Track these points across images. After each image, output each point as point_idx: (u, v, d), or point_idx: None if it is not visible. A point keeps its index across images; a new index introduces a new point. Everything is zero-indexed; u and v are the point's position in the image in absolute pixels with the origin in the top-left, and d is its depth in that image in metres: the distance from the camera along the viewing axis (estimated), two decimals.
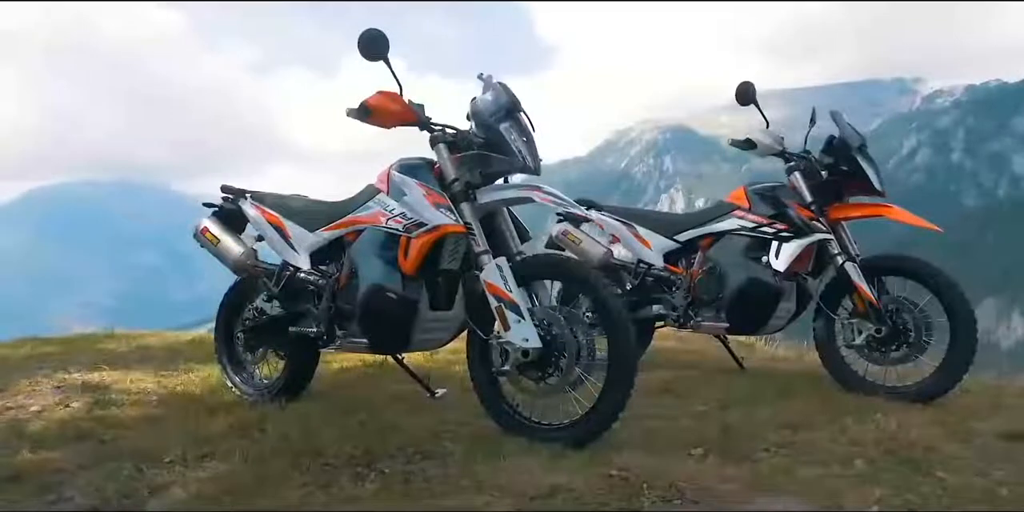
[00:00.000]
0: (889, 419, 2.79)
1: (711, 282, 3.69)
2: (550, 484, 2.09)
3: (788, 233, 3.46)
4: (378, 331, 2.81)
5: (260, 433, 2.71)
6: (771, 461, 2.37)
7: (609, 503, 2.00)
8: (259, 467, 2.30)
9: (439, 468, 2.32)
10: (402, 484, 2.19)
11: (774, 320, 3.63)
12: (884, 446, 2.47)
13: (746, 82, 3.58)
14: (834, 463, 2.35)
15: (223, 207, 3.42)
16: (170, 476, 2.29)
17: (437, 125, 2.80)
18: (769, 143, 3.56)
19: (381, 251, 2.80)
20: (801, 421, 2.82)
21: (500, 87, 2.76)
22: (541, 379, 2.56)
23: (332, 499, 2.07)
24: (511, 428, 2.66)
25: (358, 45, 2.63)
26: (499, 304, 2.55)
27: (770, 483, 2.17)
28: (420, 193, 2.67)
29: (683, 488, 2.09)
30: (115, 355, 4.55)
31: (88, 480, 2.28)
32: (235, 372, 3.44)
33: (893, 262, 3.39)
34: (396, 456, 2.42)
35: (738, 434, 2.66)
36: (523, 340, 2.51)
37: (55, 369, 3.97)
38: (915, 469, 2.28)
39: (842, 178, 3.48)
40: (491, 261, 2.60)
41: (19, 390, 3.54)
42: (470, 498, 2.06)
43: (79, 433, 2.78)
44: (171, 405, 3.22)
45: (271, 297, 3.18)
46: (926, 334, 3.25)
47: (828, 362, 3.54)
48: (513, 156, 2.65)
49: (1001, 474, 2.25)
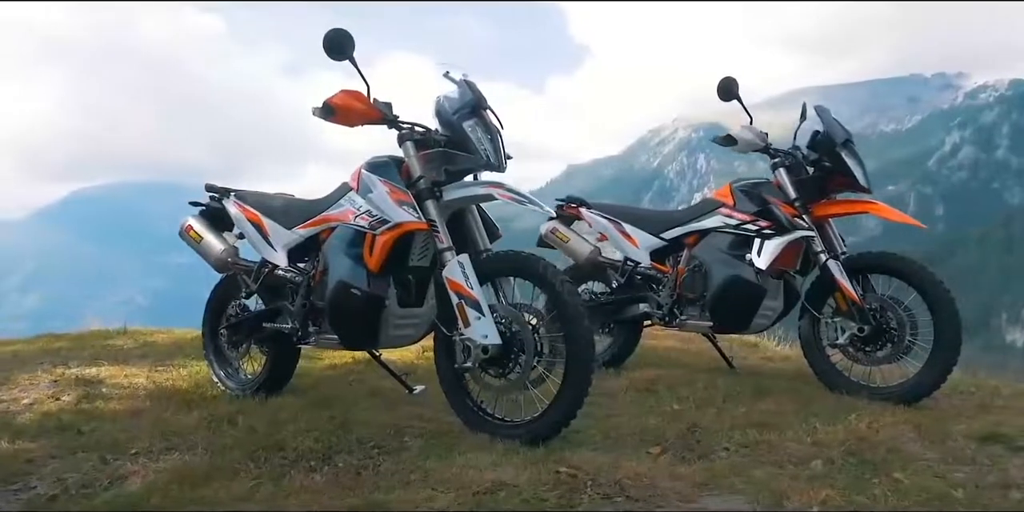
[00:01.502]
0: (861, 420, 2.74)
1: (696, 280, 3.65)
2: (493, 480, 2.09)
3: (771, 230, 3.41)
4: (346, 327, 2.85)
5: (231, 426, 2.76)
6: (727, 461, 2.35)
7: (548, 500, 2.01)
8: (217, 459, 2.35)
9: (393, 463, 2.34)
10: (352, 478, 2.22)
11: (759, 319, 3.57)
12: (847, 447, 2.43)
13: (728, 77, 3.54)
14: (791, 464, 2.32)
15: (209, 206, 3.49)
16: (132, 467, 2.35)
17: (406, 123, 2.82)
18: (750, 139, 3.51)
19: (349, 248, 2.83)
20: (771, 421, 2.78)
21: (466, 85, 2.77)
22: (502, 376, 2.57)
23: (279, 491, 2.11)
24: (474, 424, 2.68)
25: (323, 45, 2.66)
26: (460, 301, 2.57)
27: (719, 483, 2.15)
28: (384, 191, 2.70)
29: (628, 486, 2.08)
30: (119, 351, 4.67)
31: (54, 470, 2.35)
32: (221, 367, 3.50)
33: (877, 260, 3.32)
34: (354, 450, 2.46)
35: (704, 433, 2.64)
36: (483, 336, 2.52)
37: (56, 364, 4.08)
38: (872, 470, 2.24)
39: (827, 174, 3.42)
40: (453, 258, 2.62)
41: (17, 383, 3.65)
42: (414, 492, 2.08)
43: (60, 425, 2.86)
44: (155, 399, 3.29)
45: (249, 294, 3.24)
46: (911, 333, 3.18)
47: (813, 362, 3.49)
48: (477, 153, 2.66)
49: (961, 476, 2.20)
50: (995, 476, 2.20)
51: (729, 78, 3.54)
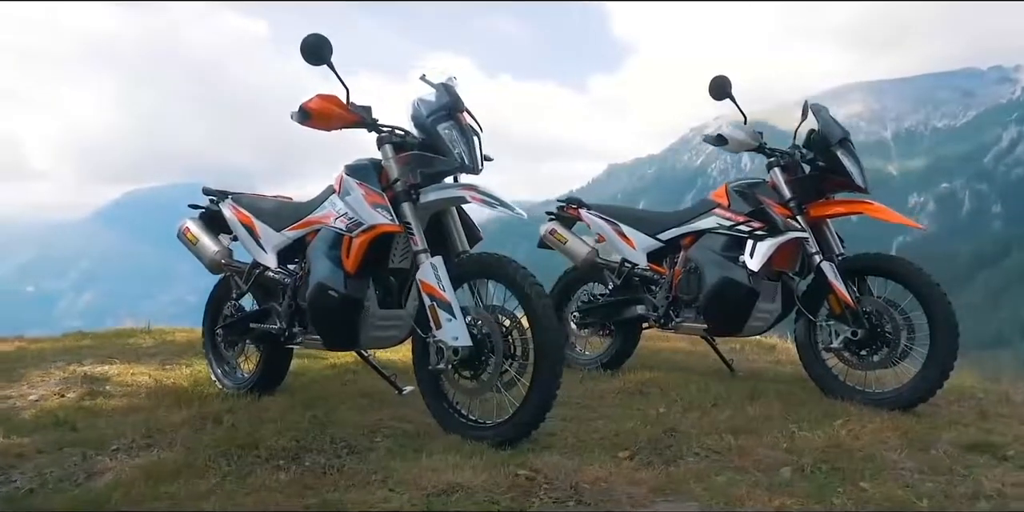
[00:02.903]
0: (846, 426, 2.67)
1: (691, 282, 3.60)
2: (450, 482, 2.10)
3: (763, 231, 3.34)
4: (326, 328, 2.89)
5: (215, 424, 2.82)
6: (693, 466, 2.32)
7: (500, 502, 2.01)
8: (191, 456, 2.40)
9: (359, 463, 2.37)
10: (315, 477, 2.25)
11: (754, 321, 3.50)
12: (821, 455, 2.37)
13: (720, 76, 3.48)
14: (758, 470, 2.27)
15: (208, 209, 3.57)
16: (111, 462, 2.42)
17: (386, 127, 2.85)
18: (742, 139, 3.45)
19: (330, 250, 2.87)
20: (752, 426, 2.73)
21: (443, 88, 2.79)
22: (474, 377, 2.58)
23: (241, 489, 2.15)
24: (448, 426, 2.69)
25: (301, 51, 2.70)
26: (432, 302, 2.59)
27: (677, 488, 2.12)
28: (360, 194, 2.73)
29: (583, 490, 2.07)
30: (136, 349, 4.80)
31: (38, 465, 2.43)
32: (219, 366, 3.59)
33: (873, 261, 3.23)
34: (325, 450, 2.48)
35: (679, 437, 2.60)
36: (453, 338, 2.53)
37: (70, 362, 4.22)
38: (841, 479, 2.18)
39: (823, 174, 3.34)
40: (427, 260, 2.63)
41: (30, 380, 3.79)
42: (371, 492, 2.10)
43: (57, 421, 2.96)
44: (154, 397, 3.38)
45: (240, 295, 3.31)
46: (908, 338, 3.09)
47: (808, 366, 3.41)
48: (451, 156, 2.68)
49: (931, 486, 2.13)
50: (967, 486, 2.12)
51: (721, 77, 3.48)
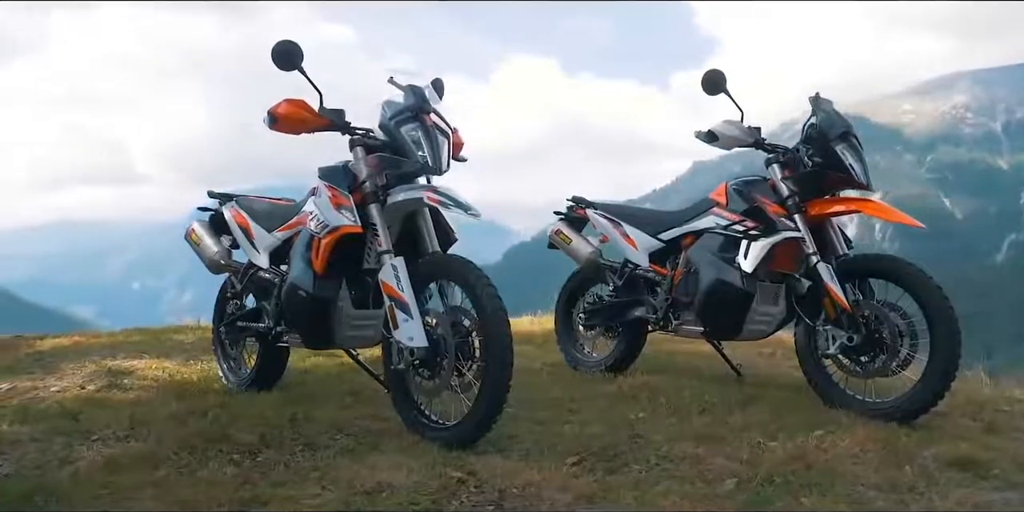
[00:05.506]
0: (824, 438, 2.53)
1: (689, 283, 3.48)
2: (380, 481, 2.12)
3: (758, 231, 3.19)
4: (301, 327, 2.96)
5: (200, 418, 2.93)
6: (636, 475, 2.24)
7: (420, 502, 2.01)
8: (157, 447, 2.51)
9: (308, 459, 2.41)
10: (262, 472, 2.31)
11: (754, 324, 3.34)
12: (778, 467, 2.25)
13: (714, 70, 3.34)
14: (702, 481, 2.18)
15: (216, 211, 3.73)
16: (88, 452, 2.56)
17: (359, 129, 2.89)
18: (735, 135, 3.30)
19: (305, 251, 2.94)
20: (722, 434, 2.62)
21: (409, 89, 2.81)
22: (431, 378, 2.59)
23: (186, 480, 2.23)
24: (411, 425, 2.70)
25: (272, 58, 2.77)
26: (391, 303, 2.61)
27: (608, 496, 2.06)
28: (327, 195, 2.79)
29: (509, 494, 2.04)
30: (171, 345, 5.04)
31: (25, 452, 2.60)
32: (225, 362, 3.73)
33: (874, 262, 3.04)
34: (284, 446, 2.55)
35: (640, 444, 2.53)
36: (408, 338, 2.55)
37: (105, 356, 4.48)
38: (785, 493, 2.07)
39: (824, 170, 3.16)
40: (389, 260, 2.66)
41: (61, 372, 4.04)
42: (303, 489, 2.14)
43: (63, 411, 3.14)
44: (162, 390, 3.55)
45: (235, 294, 3.44)
46: (910, 344, 2.88)
47: (807, 372, 3.23)
48: (413, 157, 2.69)
49: (882, 504, 1.99)
50: (920, 505, 1.96)
51: (715, 71, 3.34)
